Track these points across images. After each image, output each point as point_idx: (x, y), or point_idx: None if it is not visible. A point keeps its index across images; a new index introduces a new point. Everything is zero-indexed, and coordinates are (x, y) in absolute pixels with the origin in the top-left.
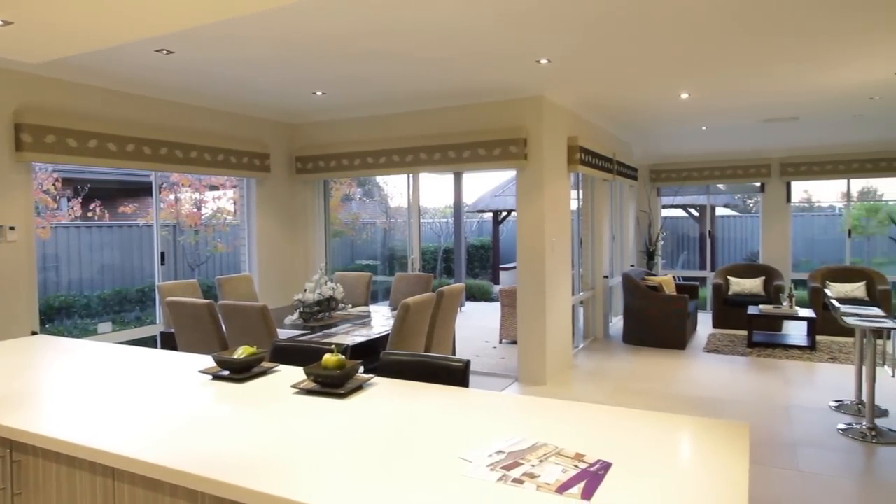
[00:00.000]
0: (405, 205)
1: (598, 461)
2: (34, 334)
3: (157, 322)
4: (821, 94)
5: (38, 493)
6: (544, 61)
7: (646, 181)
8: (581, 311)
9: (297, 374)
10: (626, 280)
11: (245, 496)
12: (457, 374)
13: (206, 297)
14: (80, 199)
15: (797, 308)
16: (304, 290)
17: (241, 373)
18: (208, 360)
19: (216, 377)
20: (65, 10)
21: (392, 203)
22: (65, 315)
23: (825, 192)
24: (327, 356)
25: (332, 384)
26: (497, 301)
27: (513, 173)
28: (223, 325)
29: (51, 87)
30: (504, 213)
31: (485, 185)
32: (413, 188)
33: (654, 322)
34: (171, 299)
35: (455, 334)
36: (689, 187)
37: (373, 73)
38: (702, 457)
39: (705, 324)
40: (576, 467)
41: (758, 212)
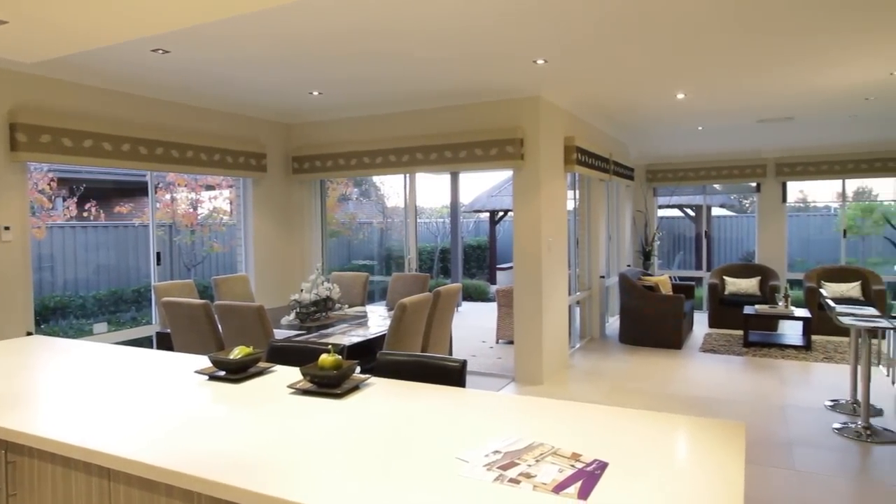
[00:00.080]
0: (402, 205)
1: (595, 461)
2: (29, 335)
3: (153, 322)
4: (816, 95)
5: (33, 494)
6: (541, 61)
7: (642, 181)
8: (577, 311)
9: (293, 374)
10: (623, 280)
11: (241, 497)
12: (453, 374)
13: (203, 298)
14: (75, 199)
15: (793, 308)
16: (301, 291)
17: (237, 373)
18: (204, 361)
19: (212, 377)
20: (60, 9)
21: (389, 203)
22: (60, 315)
23: (820, 192)
24: (324, 356)
25: (329, 384)
26: (494, 301)
27: (509, 173)
28: (219, 326)
29: (46, 86)
30: (501, 213)
31: (481, 185)
32: (410, 188)
33: (651, 322)
34: (167, 299)
35: (452, 334)
36: (686, 187)
37: (369, 73)
38: (698, 456)
39: (701, 323)
40: (572, 467)
41: (753, 212)
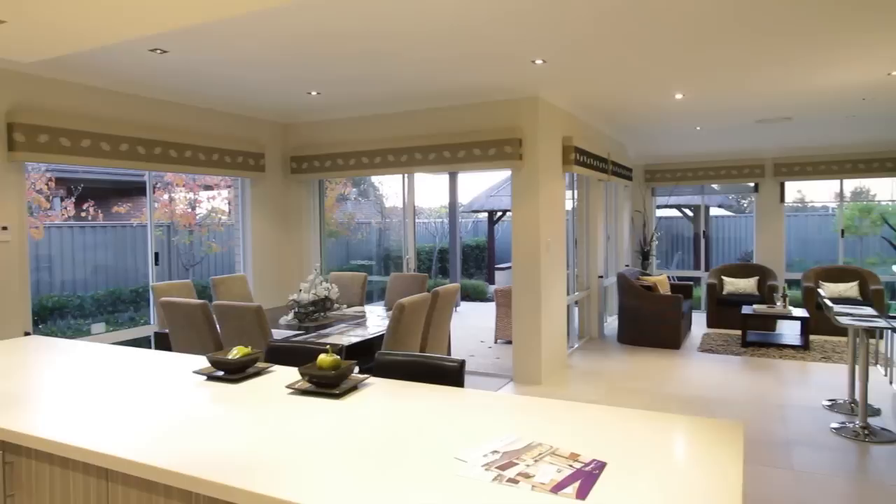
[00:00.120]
0: (400, 205)
1: (593, 461)
2: (27, 335)
3: (152, 322)
4: (814, 95)
5: (31, 494)
6: (539, 62)
7: (640, 181)
8: (576, 310)
9: (291, 374)
10: (621, 280)
11: (240, 497)
12: (452, 374)
13: (201, 298)
14: (73, 199)
15: (791, 308)
16: (299, 291)
17: (235, 373)
18: (203, 361)
19: (211, 378)
20: (58, 8)
21: (387, 203)
22: (58, 316)
23: (818, 192)
24: (322, 356)
25: (327, 384)
26: (492, 301)
27: (508, 173)
28: (218, 326)
29: (44, 86)
30: (499, 214)
31: (480, 185)
32: (408, 188)
33: (649, 322)
34: (165, 300)
35: (450, 334)
36: (684, 187)
37: (368, 72)
38: (696, 456)
39: (699, 323)
40: (571, 467)
41: (752, 212)
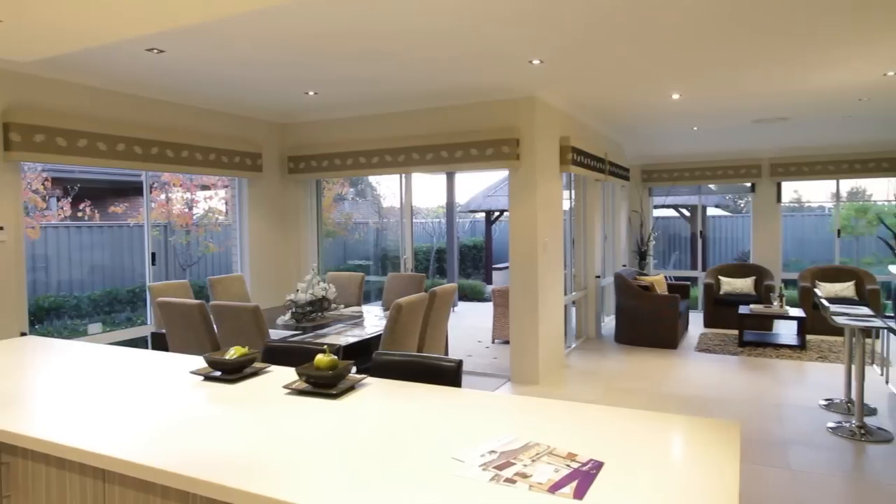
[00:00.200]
0: (398, 205)
1: (590, 460)
2: (23, 335)
3: (148, 323)
4: (811, 95)
5: (27, 495)
6: (536, 62)
7: (637, 181)
8: (573, 310)
9: (289, 374)
10: (618, 280)
11: (237, 497)
12: (449, 374)
13: (198, 298)
14: (69, 199)
15: (787, 307)
16: (297, 291)
17: (232, 373)
18: (200, 361)
19: (208, 378)
20: (54, 7)
21: (384, 203)
22: (54, 316)
23: (815, 192)
24: (319, 356)
25: (325, 384)
26: (489, 301)
27: (505, 173)
28: (215, 326)
29: (40, 85)
30: (496, 213)
31: (477, 185)
32: (405, 188)
33: (646, 322)
34: (162, 300)
35: (448, 334)
36: (681, 187)
37: (365, 72)
38: (693, 455)
39: (696, 323)
40: (568, 467)
41: (748, 212)
